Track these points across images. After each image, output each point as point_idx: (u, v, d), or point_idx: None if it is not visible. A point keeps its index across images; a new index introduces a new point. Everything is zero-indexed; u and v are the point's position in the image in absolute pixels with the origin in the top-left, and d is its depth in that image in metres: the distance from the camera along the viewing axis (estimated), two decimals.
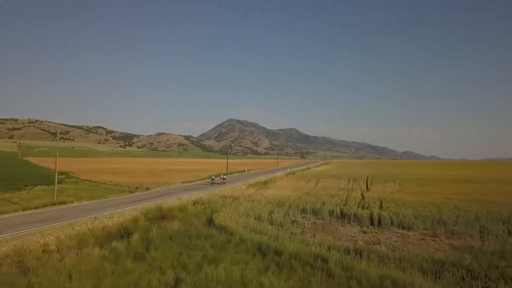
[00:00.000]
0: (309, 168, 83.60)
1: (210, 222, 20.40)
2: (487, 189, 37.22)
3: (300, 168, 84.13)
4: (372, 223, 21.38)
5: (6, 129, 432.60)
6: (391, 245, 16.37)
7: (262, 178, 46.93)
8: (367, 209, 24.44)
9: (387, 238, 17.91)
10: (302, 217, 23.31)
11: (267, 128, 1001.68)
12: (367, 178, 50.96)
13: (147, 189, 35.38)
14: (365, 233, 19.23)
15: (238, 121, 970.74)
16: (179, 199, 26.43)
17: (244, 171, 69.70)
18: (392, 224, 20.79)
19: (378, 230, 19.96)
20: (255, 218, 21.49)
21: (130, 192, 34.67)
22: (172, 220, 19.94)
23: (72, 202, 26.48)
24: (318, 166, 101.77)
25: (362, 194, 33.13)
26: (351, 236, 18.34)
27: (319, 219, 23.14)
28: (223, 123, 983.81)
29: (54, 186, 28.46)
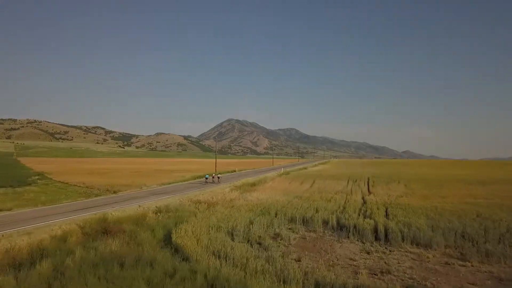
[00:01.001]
0: (305, 168, 78.73)
1: (167, 238, 15.73)
2: (506, 191, 32.52)
3: (296, 167, 79.27)
4: (377, 238, 16.69)
5: (4, 129, 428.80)
6: (407, 276, 11.66)
7: (251, 179, 42.20)
8: (370, 218, 19.75)
9: (399, 262, 13.21)
10: (289, 229, 18.64)
11: (267, 128, 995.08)
12: (368, 179, 46.24)
13: (115, 192, 30.67)
14: (368, 253, 14.52)
15: (238, 121, 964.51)
16: (140, 206, 21.75)
17: (235, 171, 64.91)
18: (403, 239, 16.10)
19: (386, 248, 15.27)
20: (227, 233, 16.79)
21: (96, 196, 30.03)
22: (117, 235, 15.24)
23: (10, 209, 21.78)
24: (315, 165, 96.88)
25: (363, 198, 28.46)
26: (350, 259, 13.63)
27: (310, 231, 18.45)
28: (222, 123, 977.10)
29: None
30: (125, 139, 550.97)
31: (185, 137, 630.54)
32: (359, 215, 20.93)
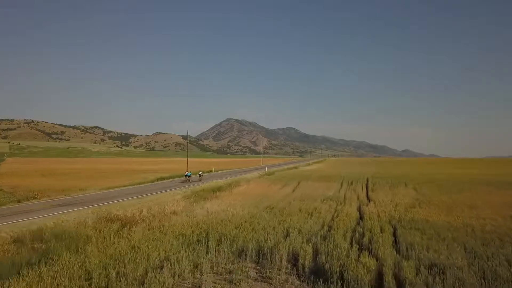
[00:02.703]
0: (296, 167, 70.56)
1: None
2: None
3: (285, 167, 70.96)
4: None
5: (1, 130, 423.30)
6: None
7: (222, 181, 34.19)
8: (370, 251, 11.77)
9: None
10: (228, 273, 10.63)
11: (266, 127, 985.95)
12: (367, 181, 38.15)
13: (19, 201, 22.67)
14: None
15: (237, 120, 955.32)
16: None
17: (212, 171, 56.92)
18: None
19: None
20: None
21: None
22: None
23: None
24: (309, 164, 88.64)
25: (359, 209, 20.43)
26: None
27: (263, 279, 10.41)
28: (221, 122, 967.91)
29: None
30: (123, 139, 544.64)
31: (184, 137, 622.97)
32: (351, 243, 12.89)
